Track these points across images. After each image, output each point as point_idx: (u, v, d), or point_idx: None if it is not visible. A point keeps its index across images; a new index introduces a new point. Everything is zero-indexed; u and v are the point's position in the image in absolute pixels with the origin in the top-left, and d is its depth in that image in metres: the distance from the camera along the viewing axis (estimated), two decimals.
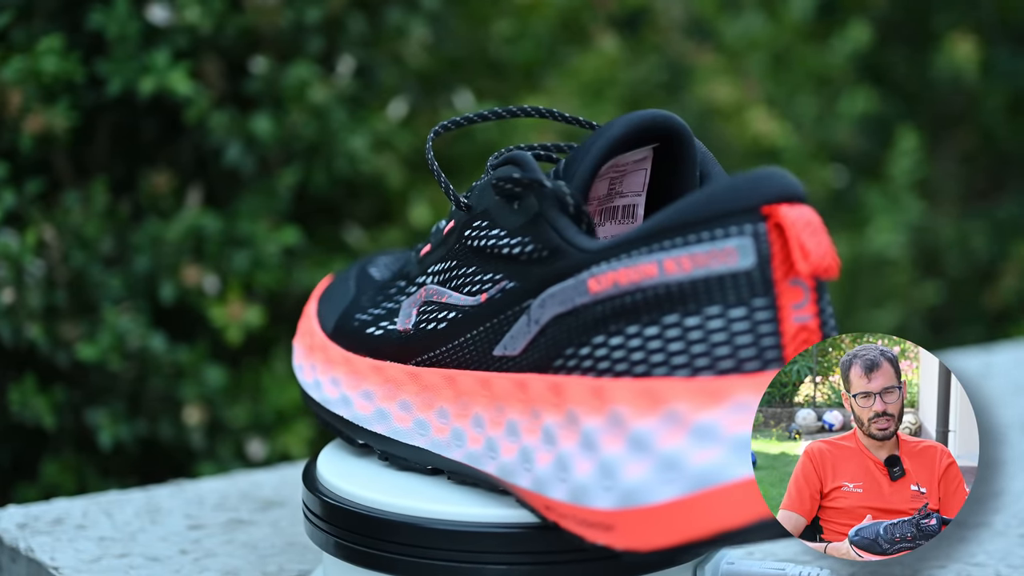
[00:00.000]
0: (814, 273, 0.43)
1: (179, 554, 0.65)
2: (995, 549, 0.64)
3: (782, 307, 0.43)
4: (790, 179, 0.44)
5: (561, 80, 1.20)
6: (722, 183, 0.45)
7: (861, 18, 1.56)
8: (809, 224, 0.43)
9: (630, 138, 0.50)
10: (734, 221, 0.43)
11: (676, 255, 0.44)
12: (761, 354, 0.43)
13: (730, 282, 0.43)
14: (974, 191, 1.79)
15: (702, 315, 0.44)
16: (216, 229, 0.91)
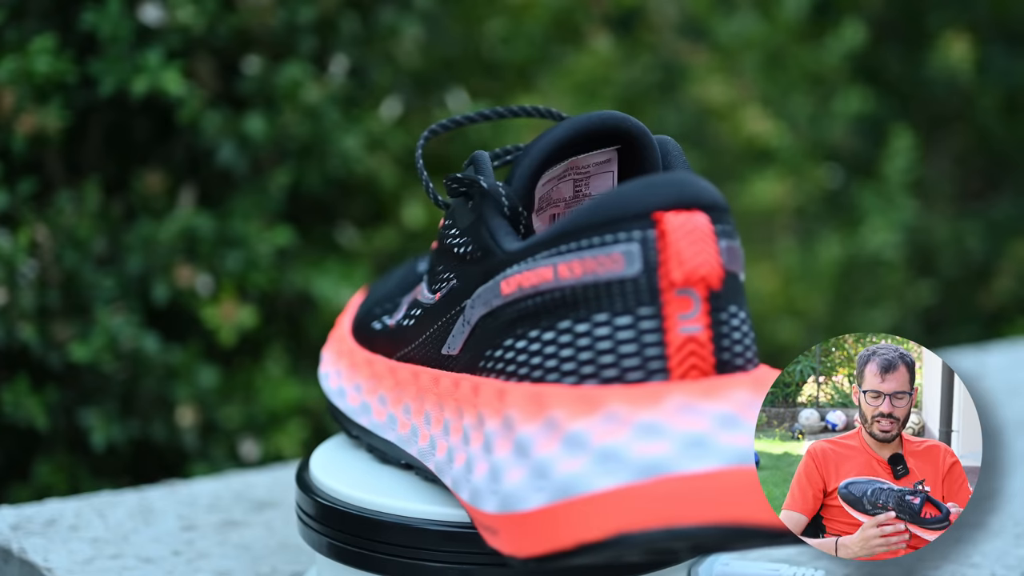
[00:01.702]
0: (687, 282, 0.42)
1: (172, 555, 0.65)
2: (990, 550, 0.64)
3: (667, 317, 0.42)
4: (690, 185, 0.43)
5: (554, 80, 1.20)
6: (619, 187, 0.44)
7: (855, 17, 1.56)
8: (693, 232, 0.42)
9: (576, 140, 0.49)
10: (623, 227, 0.43)
11: (569, 260, 0.44)
12: (644, 364, 0.42)
13: (617, 289, 0.43)
14: (968, 191, 1.79)
15: (591, 322, 0.43)
16: (209, 229, 0.91)
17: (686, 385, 0.42)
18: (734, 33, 1.46)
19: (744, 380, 0.42)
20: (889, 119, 1.63)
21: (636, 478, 0.41)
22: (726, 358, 0.43)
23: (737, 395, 0.42)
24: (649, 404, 0.42)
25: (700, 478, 0.40)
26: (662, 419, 0.41)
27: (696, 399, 0.41)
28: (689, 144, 1.42)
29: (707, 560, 0.53)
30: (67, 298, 0.89)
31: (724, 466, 0.40)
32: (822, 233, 1.53)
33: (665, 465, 0.40)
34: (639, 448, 0.41)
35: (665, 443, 0.41)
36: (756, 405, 0.42)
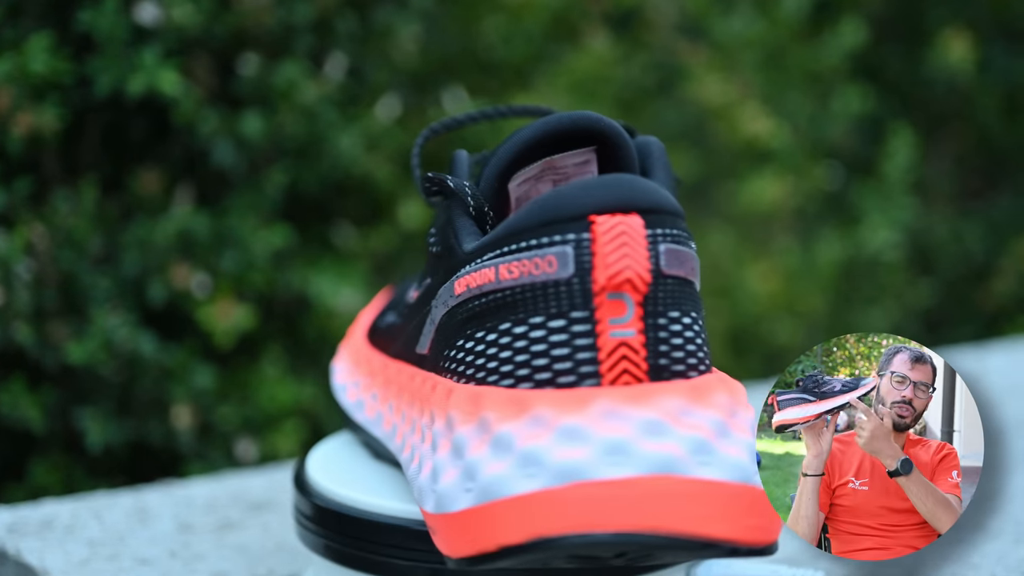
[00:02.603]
0: (614, 286, 0.42)
1: (168, 556, 0.64)
2: (991, 551, 0.64)
3: (599, 321, 0.42)
4: (628, 188, 0.43)
5: (553, 79, 1.20)
6: (558, 189, 0.43)
7: (855, 16, 1.56)
8: (622, 235, 0.42)
9: (545, 140, 0.49)
10: (558, 230, 0.42)
11: (508, 261, 0.43)
12: (576, 369, 0.42)
13: (552, 292, 0.42)
14: (969, 190, 1.78)
15: (528, 324, 0.43)
16: (205, 229, 0.91)
17: (615, 391, 0.41)
18: (735, 33, 1.46)
19: (677, 387, 0.42)
20: (889, 118, 1.63)
21: (554, 483, 0.40)
22: (663, 364, 0.42)
23: (667, 402, 0.41)
24: (574, 408, 0.41)
25: (616, 485, 0.40)
26: (585, 424, 0.41)
27: (622, 405, 0.41)
28: (689, 143, 1.42)
29: (705, 561, 0.53)
30: (63, 298, 0.88)
31: (642, 474, 0.40)
32: (822, 233, 1.53)
33: (583, 471, 0.40)
34: (559, 453, 0.41)
35: (585, 448, 0.41)
36: (689, 413, 0.41)
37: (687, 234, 0.44)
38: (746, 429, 0.43)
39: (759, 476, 0.42)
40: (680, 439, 0.41)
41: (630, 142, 0.49)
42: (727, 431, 0.42)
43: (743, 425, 0.43)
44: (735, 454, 0.41)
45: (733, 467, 0.41)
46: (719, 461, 0.41)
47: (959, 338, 1.57)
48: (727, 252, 1.45)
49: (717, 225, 1.46)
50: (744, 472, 0.41)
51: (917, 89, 1.72)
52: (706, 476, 0.41)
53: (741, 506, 0.41)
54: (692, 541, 0.40)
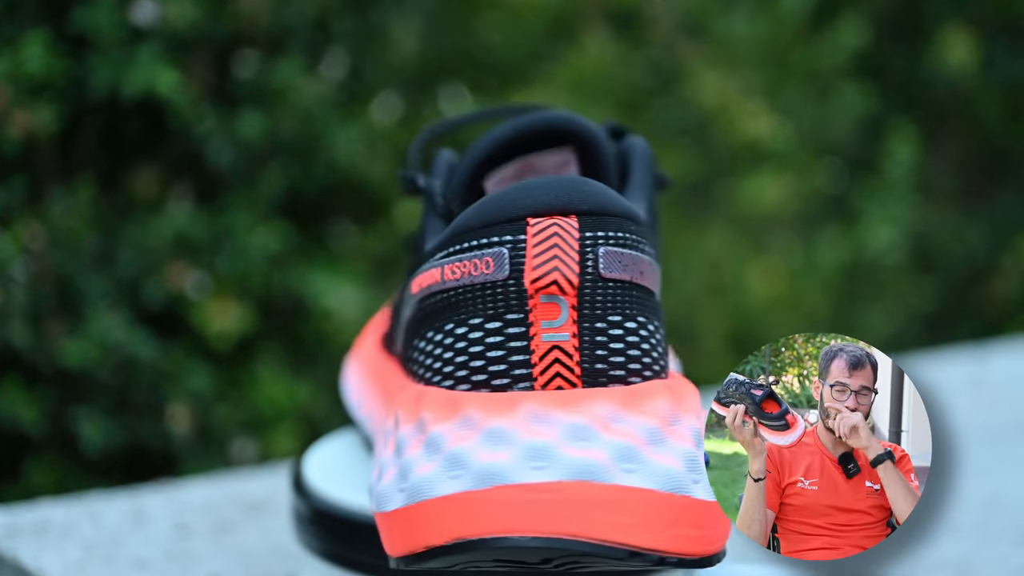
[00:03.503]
0: (542, 289, 0.41)
1: (165, 558, 0.64)
2: (991, 554, 0.64)
3: (533, 323, 0.41)
4: (569, 189, 0.42)
5: (552, 77, 1.19)
6: (504, 189, 0.43)
7: (857, 15, 1.56)
8: (552, 237, 0.41)
9: (516, 141, 0.49)
10: (496, 231, 0.42)
11: (452, 262, 0.43)
12: (510, 371, 0.42)
13: (490, 293, 0.42)
14: (971, 188, 1.78)
15: (467, 326, 0.43)
16: (202, 229, 0.91)
17: (545, 395, 0.41)
18: (735, 32, 1.45)
19: (611, 393, 0.41)
20: (891, 117, 1.62)
21: (476, 485, 0.40)
22: (599, 368, 0.42)
23: (596, 407, 0.41)
24: (502, 411, 0.41)
25: (534, 489, 0.40)
26: (511, 427, 0.41)
27: (550, 409, 0.41)
28: (690, 142, 1.42)
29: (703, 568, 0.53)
30: (59, 298, 0.88)
31: (562, 479, 0.40)
32: (824, 231, 1.52)
33: (504, 474, 0.40)
34: (483, 455, 0.40)
35: (508, 451, 0.40)
36: (620, 419, 0.41)
37: (636, 238, 0.43)
38: (686, 437, 0.42)
39: (701, 486, 0.41)
40: (605, 445, 0.40)
41: (605, 142, 0.49)
42: (661, 439, 0.41)
43: (683, 433, 0.42)
44: (666, 462, 0.41)
45: (662, 476, 0.41)
46: (647, 469, 0.40)
47: (960, 337, 1.57)
48: (728, 252, 1.45)
49: (718, 224, 1.46)
50: (675, 481, 0.41)
51: (919, 88, 1.72)
52: (630, 484, 0.40)
53: (669, 515, 0.41)
54: (613, 549, 0.40)
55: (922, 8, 1.72)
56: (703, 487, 0.42)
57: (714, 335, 1.40)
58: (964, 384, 0.93)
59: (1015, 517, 0.68)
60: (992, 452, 0.78)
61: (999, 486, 0.72)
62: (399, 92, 1.05)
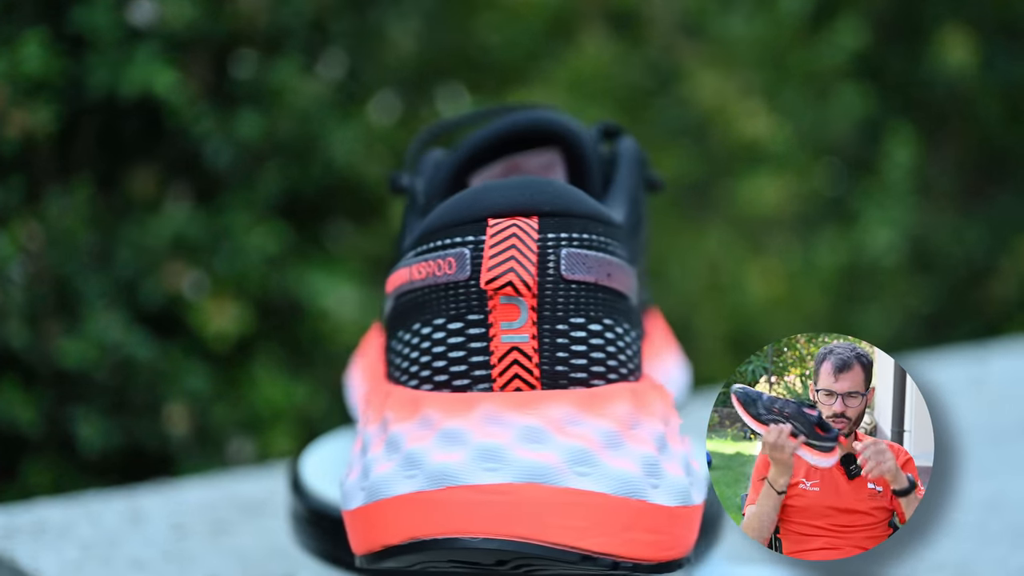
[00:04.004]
0: (488, 290, 0.41)
1: (162, 558, 0.64)
2: (990, 556, 0.64)
3: (493, 324, 0.41)
4: (532, 191, 0.42)
5: (551, 76, 1.19)
6: (471, 189, 0.43)
7: (856, 15, 1.56)
8: (510, 238, 0.41)
9: (498, 141, 0.49)
10: (460, 231, 0.42)
11: (419, 261, 0.43)
12: (470, 372, 0.42)
13: (452, 294, 0.42)
14: (970, 189, 1.78)
15: (432, 326, 0.43)
16: (199, 229, 0.91)
17: (502, 396, 0.41)
18: (735, 34, 1.45)
19: (569, 395, 0.41)
20: (890, 118, 1.62)
21: (430, 485, 0.40)
22: (560, 370, 0.42)
23: (553, 410, 0.41)
24: (459, 412, 0.41)
25: (485, 490, 0.40)
26: (466, 428, 0.41)
27: (505, 410, 0.41)
28: (689, 141, 1.42)
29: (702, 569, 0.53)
30: (57, 298, 0.88)
31: (512, 481, 0.40)
32: (823, 232, 1.52)
33: (456, 474, 0.40)
34: (437, 455, 0.40)
35: (462, 452, 0.40)
36: (576, 422, 0.40)
37: (604, 239, 0.43)
38: (647, 441, 0.42)
39: (661, 491, 0.41)
40: (559, 448, 0.40)
41: (588, 143, 0.49)
42: (619, 442, 0.41)
43: (644, 437, 0.42)
44: (622, 466, 0.41)
45: (616, 479, 0.40)
46: (600, 472, 0.40)
47: (959, 338, 1.57)
48: (726, 252, 1.44)
49: (717, 225, 1.46)
50: (630, 485, 0.40)
51: (918, 89, 1.72)
52: (583, 487, 0.40)
53: (623, 520, 0.40)
54: (564, 552, 0.40)
55: (921, 9, 1.72)
56: (663, 492, 0.41)
57: (712, 336, 1.40)
58: (964, 385, 0.92)
59: (1014, 519, 0.68)
60: (992, 453, 0.78)
61: (999, 487, 0.72)
62: (397, 92, 1.05)
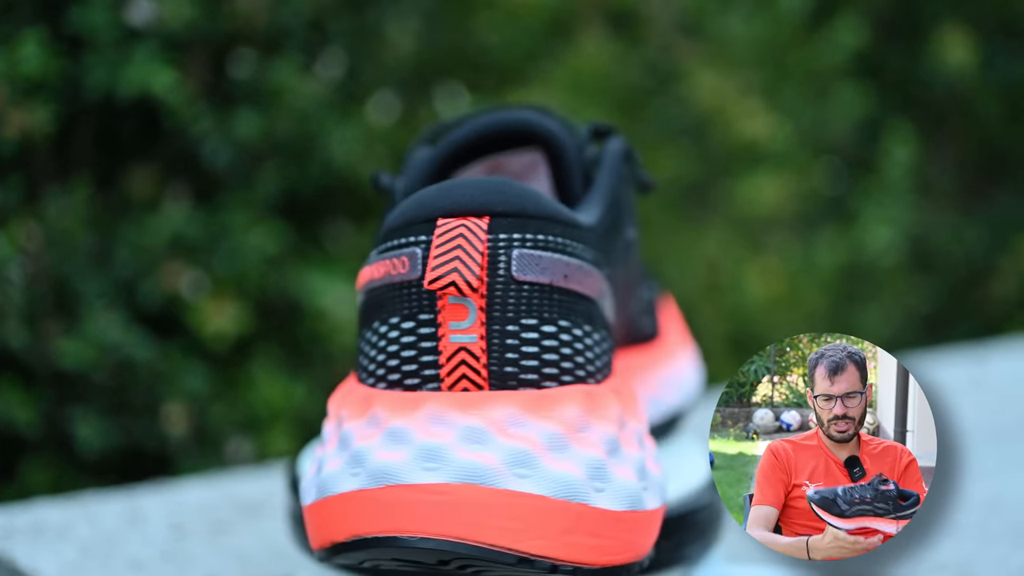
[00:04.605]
0: (436, 290, 0.41)
1: (161, 558, 0.64)
2: (990, 556, 0.64)
3: (442, 324, 0.41)
4: (485, 190, 0.42)
5: (550, 76, 1.19)
6: (427, 189, 0.43)
7: (855, 14, 1.56)
8: (456, 238, 0.41)
9: (477, 141, 0.49)
10: (414, 231, 0.42)
11: (378, 260, 0.43)
12: (420, 371, 0.42)
13: (406, 293, 0.42)
14: (970, 188, 1.78)
15: (388, 325, 0.43)
16: (199, 230, 0.90)
17: (447, 396, 0.41)
18: (734, 34, 1.45)
19: (515, 396, 0.41)
20: (889, 117, 1.62)
21: (371, 483, 0.40)
22: (509, 371, 0.42)
23: (496, 411, 0.40)
24: (405, 411, 0.41)
25: (424, 490, 0.40)
26: (411, 427, 0.41)
27: (449, 410, 0.41)
28: (689, 141, 1.42)
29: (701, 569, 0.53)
30: (56, 298, 0.88)
31: (451, 481, 0.40)
32: (822, 232, 1.52)
33: (397, 473, 0.40)
34: (381, 454, 0.40)
35: (404, 451, 0.40)
36: (520, 423, 0.40)
37: (563, 241, 0.43)
38: (595, 445, 0.41)
39: (606, 495, 0.41)
40: (499, 449, 0.40)
41: (566, 143, 0.49)
42: (564, 445, 0.41)
43: (592, 440, 0.41)
44: (564, 469, 0.40)
45: (557, 482, 0.40)
46: (541, 475, 0.40)
47: (959, 338, 1.57)
48: (726, 252, 1.44)
49: (716, 225, 1.46)
50: (570, 488, 0.40)
51: (917, 88, 1.72)
52: (521, 489, 0.40)
53: (562, 523, 0.40)
54: (501, 554, 0.40)
55: (920, 8, 1.72)
56: (608, 496, 0.41)
57: (712, 336, 1.39)
58: (963, 385, 0.92)
59: (1015, 518, 0.68)
60: (992, 453, 0.78)
61: (999, 487, 0.72)
62: (396, 92, 1.05)
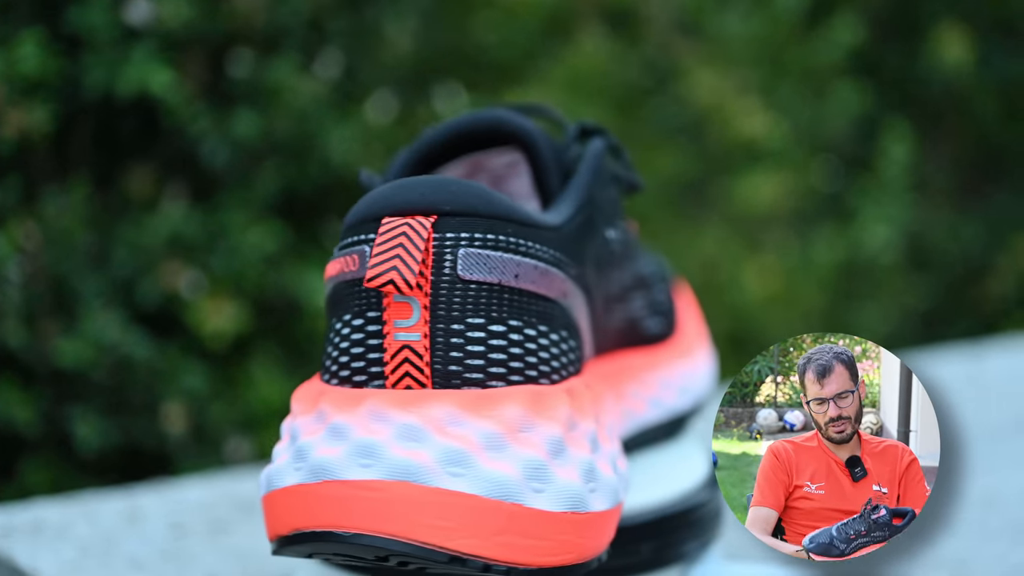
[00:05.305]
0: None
1: (160, 557, 0.64)
2: (989, 553, 0.64)
3: (387, 322, 0.42)
4: (434, 189, 0.42)
5: (548, 75, 1.19)
6: (380, 188, 0.43)
7: (852, 13, 1.56)
8: (398, 237, 0.41)
9: (454, 140, 0.49)
10: (365, 228, 0.42)
11: (335, 258, 0.44)
12: (367, 368, 0.42)
13: (357, 291, 0.42)
14: (967, 187, 1.78)
15: (342, 322, 0.43)
16: (197, 229, 0.90)
17: (388, 393, 0.41)
18: (731, 32, 1.45)
19: (455, 396, 0.41)
20: (886, 115, 1.62)
21: (311, 478, 0.41)
22: (453, 370, 0.42)
23: (434, 409, 0.41)
24: (348, 407, 0.41)
25: (358, 486, 0.40)
26: (351, 423, 0.41)
27: (388, 407, 0.41)
28: (687, 139, 1.42)
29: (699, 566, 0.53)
30: (54, 298, 0.88)
31: (384, 478, 0.40)
32: (819, 230, 1.52)
33: (334, 469, 0.40)
34: (321, 449, 0.41)
35: (342, 447, 0.41)
36: (458, 423, 0.40)
37: (515, 240, 0.43)
38: (537, 445, 0.41)
39: (545, 495, 0.41)
40: (434, 447, 0.40)
41: (541, 142, 0.49)
42: (502, 445, 0.41)
43: (534, 441, 0.41)
44: (499, 469, 0.40)
45: (491, 482, 0.40)
46: (475, 474, 0.40)
47: (956, 336, 1.57)
48: (723, 250, 1.44)
49: (713, 223, 1.46)
50: (505, 488, 0.40)
51: (914, 86, 1.72)
52: (454, 487, 0.40)
53: (495, 523, 0.40)
54: (432, 552, 0.40)
55: (917, 6, 1.72)
56: (547, 497, 0.41)
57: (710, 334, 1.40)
58: (960, 382, 0.92)
59: (1012, 515, 0.68)
60: (989, 450, 0.78)
61: (996, 484, 0.72)
62: (394, 91, 1.05)
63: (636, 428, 0.53)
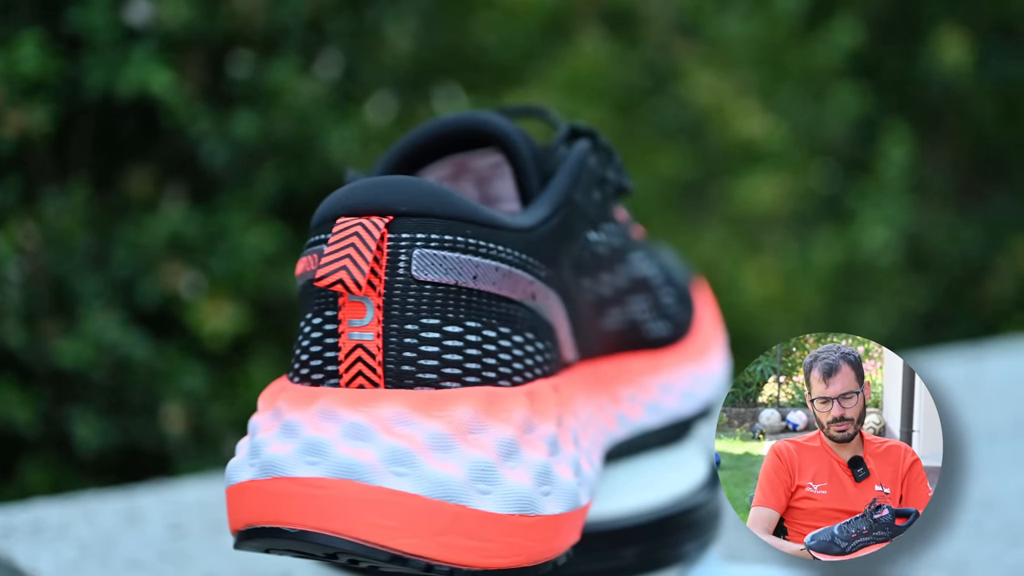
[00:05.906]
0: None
1: (159, 558, 0.64)
2: (986, 554, 0.64)
3: (342, 321, 0.42)
4: (390, 190, 0.42)
5: (547, 76, 1.19)
6: (344, 188, 0.43)
7: (852, 15, 1.56)
8: (350, 237, 0.41)
9: (434, 142, 0.49)
10: (323, 228, 0.43)
11: (301, 257, 0.44)
12: (323, 367, 0.42)
13: (316, 290, 0.42)
14: (966, 188, 1.78)
15: (304, 320, 0.43)
16: (197, 230, 0.91)
17: (339, 392, 0.41)
18: (731, 33, 1.45)
19: (405, 396, 0.41)
20: (885, 117, 1.62)
21: (261, 475, 0.41)
22: (406, 370, 0.42)
23: (383, 409, 0.41)
24: (301, 405, 0.41)
25: (303, 483, 0.40)
26: (302, 421, 0.41)
27: (338, 406, 0.41)
28: (686, 140, 1.42)
29: (699, 566, 0.53)
30: (54, 298, 0.88)
31: (327, 475, 0.40)
32: (818, 232, 1.52)
33: (282, 466, 0.40)
34: (272, 446, 0.41)
35: (291, 445, 0.41)
36: (406, 423, 0.41)
37: (474, 242, 0.43)
38: (486, 446, 0.41)
39: (492, 497, 0.41)
40: (380, 447, 0.40)
41: (521, 145, 0.49)
42: (450, 445, 0.41)
43: (483, 443, 0.41)
44: (445, 470, 0.40)
45: (434, 482, 0.40)
46: (419, 474, 0.40)
47: (955, 338, 1.57)
48: (722, 252, 1.44)
49: (713, 224, 1.46)
50: (448, 489, 0.40)
51: (913, 88, 1.72)
52: (397, 487, 0.40)
53: (437, 523, 0.40)
54: (373, 550, 0.40)
55: (917, 8, 1.72)
56: (493, 499, 0.41)
57: None
58: (960, 384, 0.93)
59: (1010, 517, 0.68)
60: (988, 452, 0.78)
61: (995, 486, 0.72)
62: (394, 92, 1.05)
63: (631, 432, 0.52)
